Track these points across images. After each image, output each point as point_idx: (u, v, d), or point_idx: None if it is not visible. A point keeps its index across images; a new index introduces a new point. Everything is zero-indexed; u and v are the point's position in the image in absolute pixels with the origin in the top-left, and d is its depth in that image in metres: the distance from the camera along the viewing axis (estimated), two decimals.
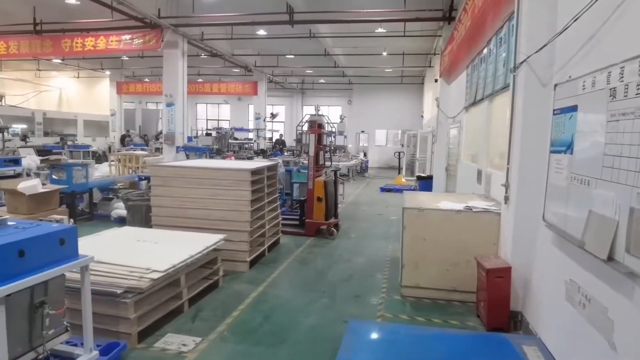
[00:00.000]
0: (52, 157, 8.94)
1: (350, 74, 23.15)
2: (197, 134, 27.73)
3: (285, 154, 18.56)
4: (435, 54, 16.78)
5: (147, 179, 10.34)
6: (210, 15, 12.77)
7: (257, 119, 21.35)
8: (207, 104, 30.82)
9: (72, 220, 2.94)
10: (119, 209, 7.47)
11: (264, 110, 21.62)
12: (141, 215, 6.19)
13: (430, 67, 19.11)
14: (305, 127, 18.51)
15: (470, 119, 8.55)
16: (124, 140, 19.71)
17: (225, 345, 3.48)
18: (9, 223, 2.69)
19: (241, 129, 25.29)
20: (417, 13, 11.28)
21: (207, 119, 30.89)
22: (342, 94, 27.66)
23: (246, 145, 19.24)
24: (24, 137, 18.19)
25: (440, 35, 13.08)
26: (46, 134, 21.01)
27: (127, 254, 3.81)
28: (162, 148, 18.27)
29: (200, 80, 24.76)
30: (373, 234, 7.58)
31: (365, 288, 4.90)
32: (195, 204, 5.37)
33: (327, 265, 5.77)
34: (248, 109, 30.57)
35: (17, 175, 8.07)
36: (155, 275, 3.45)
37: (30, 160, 9.85)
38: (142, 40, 12.44)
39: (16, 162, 9.04)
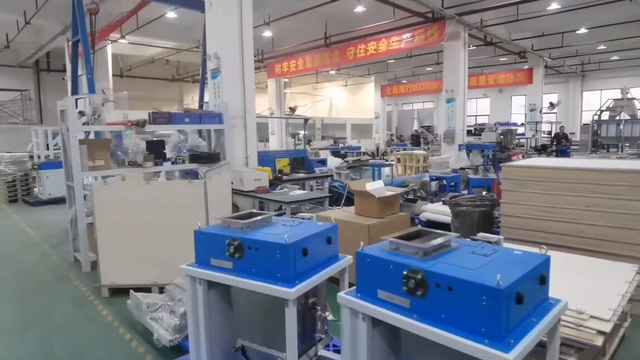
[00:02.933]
0: (363, 158, 9.31)
1: None
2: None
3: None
4: None
5: (438, 179, 9.80)
6: None
7: (531, 110, 18.66)
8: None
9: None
10: (428, 211, 6.97)
11: (539, 100, 18.74)
12: (472, 224, 5.39)
13: None
14: (606, 116, 14.96)
15: None
16: (417, 140, 20.16)
17: None
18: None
19: (506, 124, 22.90)
20: None
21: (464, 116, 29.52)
22: None
23: (519, 141, 16.99)
24: (308, 141, 20.86)
25: None
26: (322, 137, 23.72)
27: None
28: (420, 146, 17.97)
29: None
30: None
31: None
32: (560, 216, 4.17)
33: None
34: (511, 101, 27.74)
35: (328, 176, 8.54)
36: (603, 327, 2.40)
37: (330, 161, 10.62)
38: (423, 36, 12.09)
39: (323, 162, 9.80)
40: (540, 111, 18.59)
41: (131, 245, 4.18)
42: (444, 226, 6.21)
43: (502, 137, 12.18)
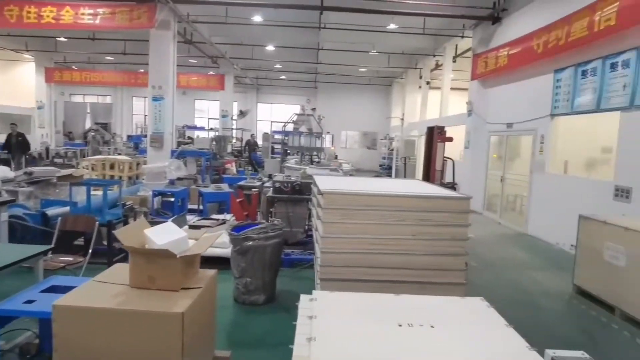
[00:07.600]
0: (76, 173, 6.31)
1: (323, 71, 21.55)
2: (138, 131, 24.53)
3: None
4: (434, 55, 16.09)
5: (162, 194, 8.10)
6: None
7: (224, 116, 18.95)
8: (145, 97, 27.26)
9: None
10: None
11: (231, 107, 19.28)
12: (263, 262, 4.28)
13: (415, 68, 18.44)
14: (291, 127, 16.82)
15: (569, 128, 7.91)
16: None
17: None
18: None
19: (195, 127, 22.69)
20: (463, 10, 10.33)
21: (144, 115, 27.38)
22: (301, 92, 25.99)
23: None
24: None
25: (462, 35, 12.37)
26: None
27: None
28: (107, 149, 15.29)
29: (141, 70, 21.64)
30: None
31: None
32: (389, 248, 3.71)
33: None
34: (194, 104, 27.87)
35: (7, 202, 5.37)
36: None
37: None
38: (128, 16, 9.86)
39: None
40: (232, 118, 19.17)
41: None
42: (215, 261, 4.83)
43: (215, 143, 11.50)
